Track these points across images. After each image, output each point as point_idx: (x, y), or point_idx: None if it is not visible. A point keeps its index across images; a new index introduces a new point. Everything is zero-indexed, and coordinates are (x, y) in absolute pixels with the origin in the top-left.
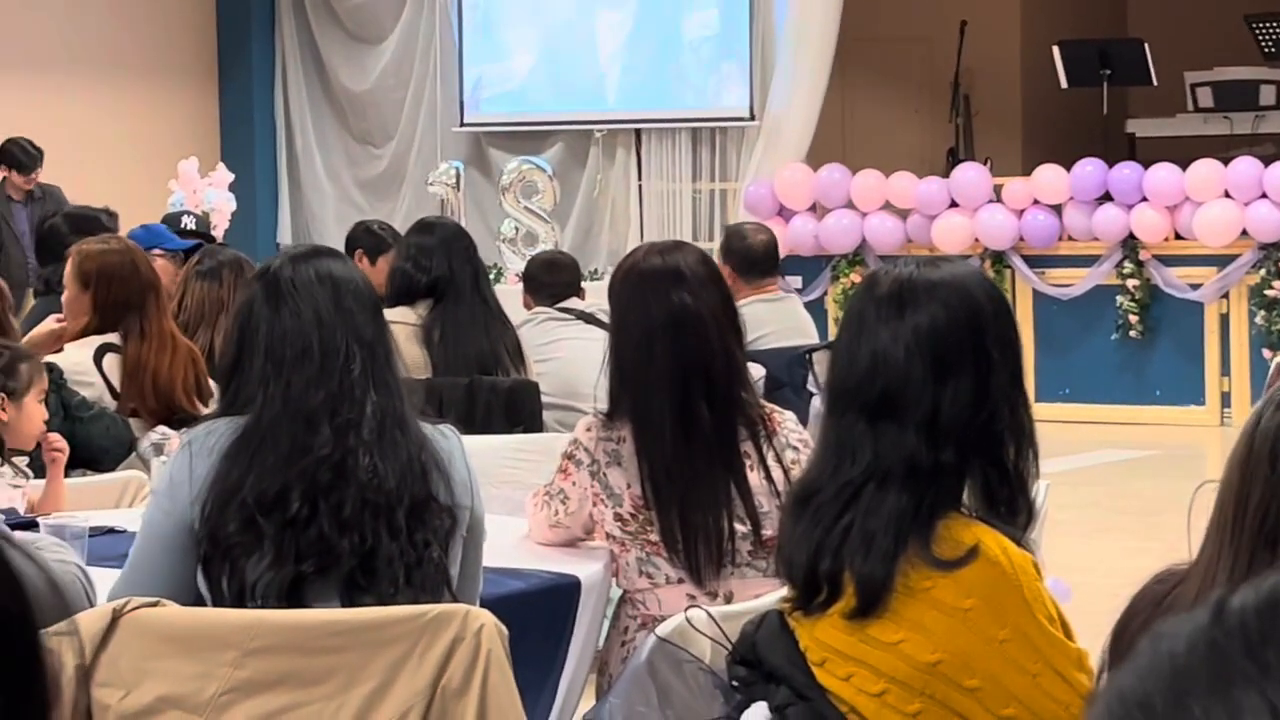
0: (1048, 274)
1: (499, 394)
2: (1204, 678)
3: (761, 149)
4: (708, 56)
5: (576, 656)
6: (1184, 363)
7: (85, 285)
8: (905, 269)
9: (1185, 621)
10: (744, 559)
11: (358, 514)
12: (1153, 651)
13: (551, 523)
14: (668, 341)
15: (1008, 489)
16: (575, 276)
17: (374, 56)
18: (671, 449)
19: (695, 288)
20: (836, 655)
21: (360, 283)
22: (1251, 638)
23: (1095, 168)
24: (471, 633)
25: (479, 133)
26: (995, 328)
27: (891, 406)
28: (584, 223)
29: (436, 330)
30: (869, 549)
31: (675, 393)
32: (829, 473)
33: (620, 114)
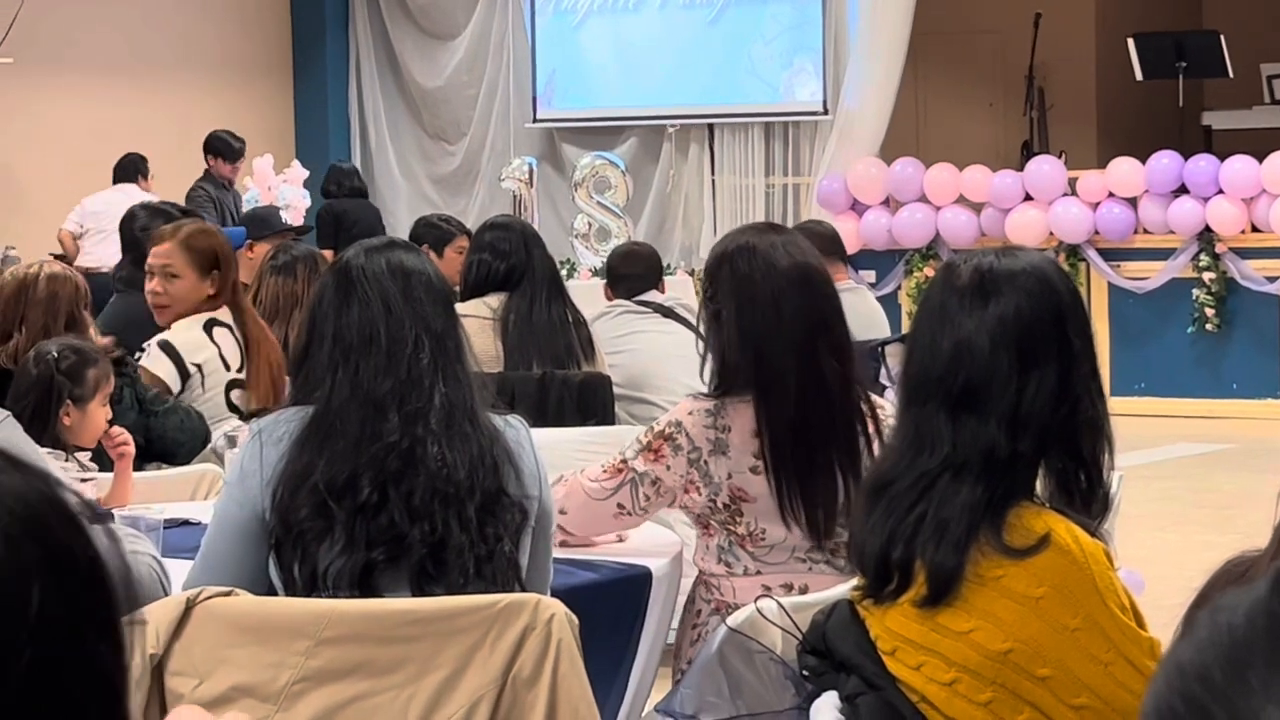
0: (1123, 267)
1: (571, 387)
2: (1262, 650)
3: (835, 143)
4: (781, 50)
5: (648, 647)
6: (1260, 356)
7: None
8: (984, 259)
9: (1244, 594)
10: (823, 555)
11: (427, 503)
12: (1211, 624)
13: (624, 507)
14: (796, 297)
15: (1084, 479)
16: (652, 269)
17: (447, 53)
18: (795, 409)
19: (809, 251)
20: (907, 644)
21: (432, 275)
22: None
23: (1171, 160)
24: (542, 622)
25: (552, 128)
26: (1075, 317)
27: (974, 398)
28: (657, 218)
29: (511, 322)
30: (941, 538)
31: (804, 350)
32: (906, 463)
33: (693, 109)
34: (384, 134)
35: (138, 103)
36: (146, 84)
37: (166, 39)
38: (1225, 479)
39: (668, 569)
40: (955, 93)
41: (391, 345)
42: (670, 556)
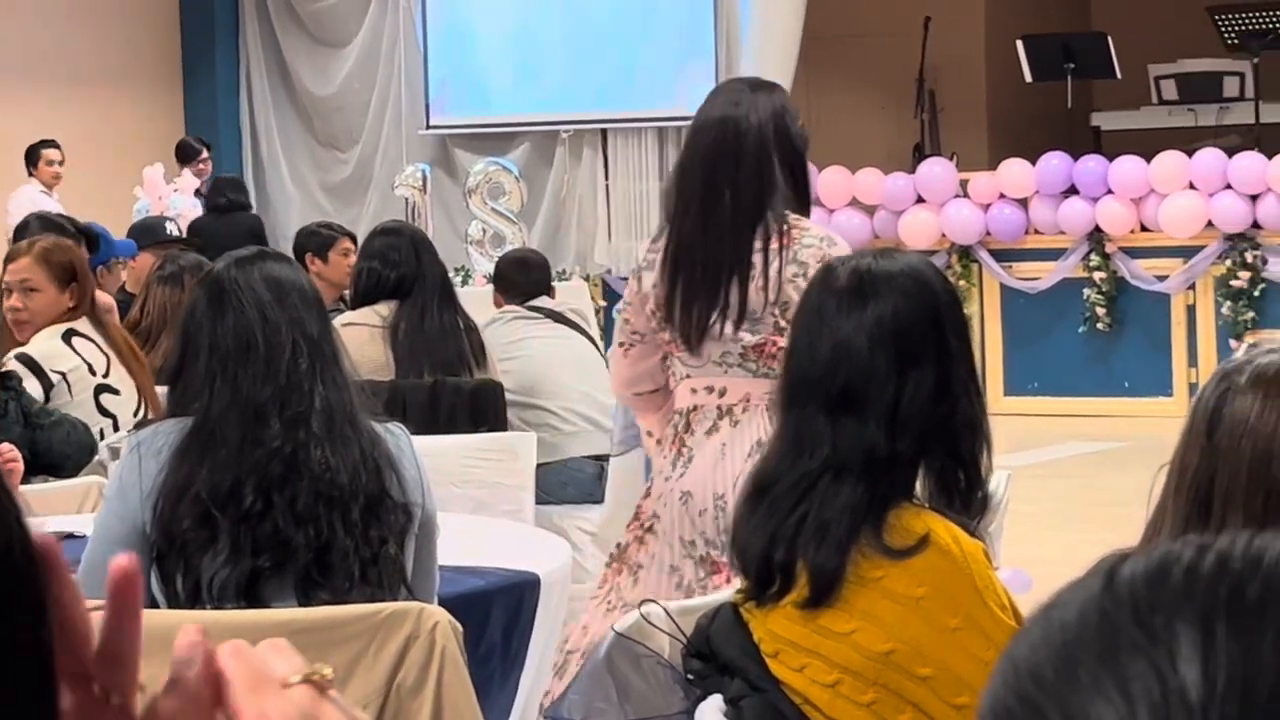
0: (1015, 268)
1: (463, 394)
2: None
3: None
4: (673, 55)
5: (538, 654)
6: (1151, 354)
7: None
8: (862, 261)
9: (1077, 591)
10: (735, 359)
11: (312, 507)
12: (1045, 621)
13: (621, 341)
14: (707, 141)
15: (963, 479)
16: (546, 275)
17: (338, 60)
18: (691, 226)
19: (751, 106)
20: (790, 646)
21: (305, 283)
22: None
23: (1060, 161)
24: (426, 631)
25: (445, 135)
26: (952, 317)
27: (853, 399)
28: (551, 223)
29: (401, 329)
30: (822, 539)
31: (705, 181)
32: (787, 464)
33: (586, 114)
34: (275, 142)
35: (26, 111)
36: (35, 92)
37: (55, 47)
38: (1117, 477)
39: (557, 576)
40: (847, 96)
41: (269, 351)
42: (560, 563)
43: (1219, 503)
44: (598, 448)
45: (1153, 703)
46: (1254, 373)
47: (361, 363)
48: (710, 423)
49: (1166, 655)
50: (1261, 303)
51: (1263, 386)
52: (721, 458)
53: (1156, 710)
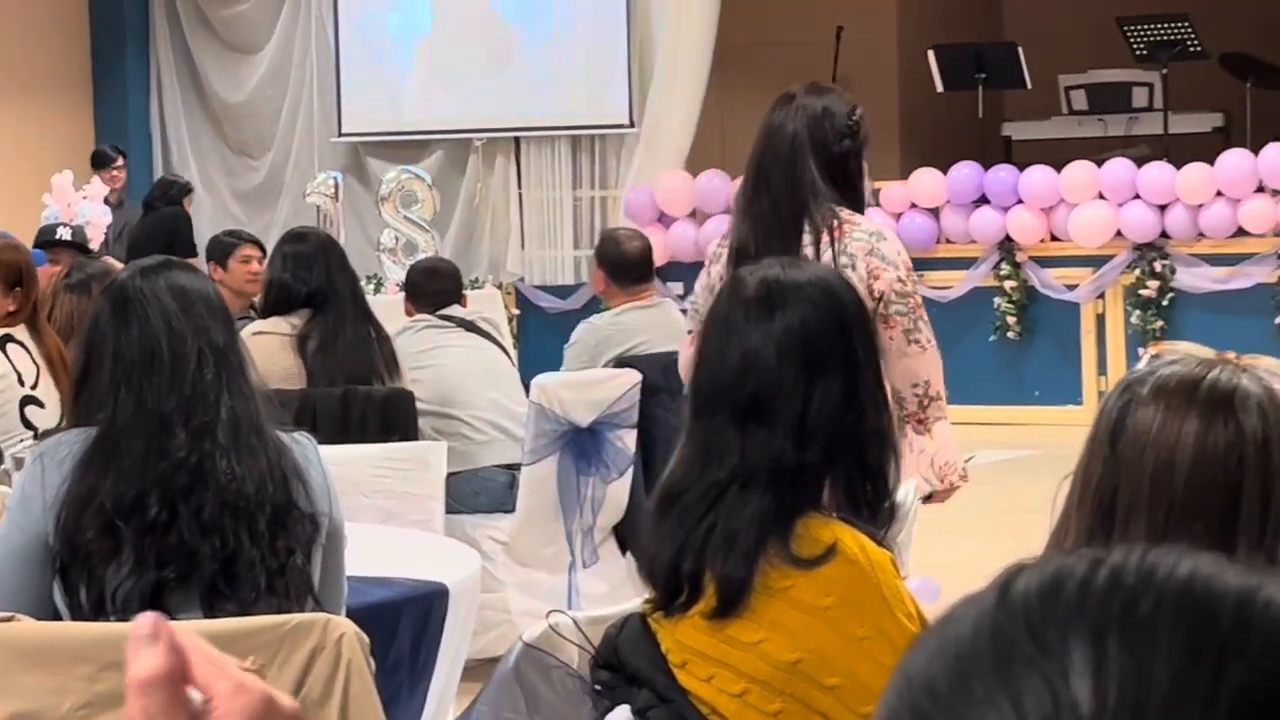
0: (926, 277)
1: (374, 403)
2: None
3: (641, 156)
4: (586, 64)
5: (447, 665)
6: (1061, 363)
7: (12, 281)
8: (770, 271)
9: (972, 603)
10: None
11: (217, 518)
12: (939, 633)
13: (689, 330)
14: (757, 149)
15: (870, 489)
16: (456, 284)
17: (250, 67)
18: (747, 227)
19: (794, 111)
20: (698, 656)
21: (211, 292)
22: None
23: (971, 171)
24: (331, 642)
25: (357, 143)
26: (860, 328)
27: (762, 409)
28: (464, 231)
29: (313, 340)
30: (730, 549)
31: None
32: (695, 474)
33: (500, 122)
34: (186, 149)
35: None
36: None
37: None
38: (1027, 485)
39: (467, 585)
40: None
41: (175, 362)
42: (469, 573)
43: (1122, 513)
44: (509, 457)
45: (1044, 717)
46: (1156, 384)
47: (272, 372)
48: None
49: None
50: (1170, 312)
51: (1165, 397)
52: None
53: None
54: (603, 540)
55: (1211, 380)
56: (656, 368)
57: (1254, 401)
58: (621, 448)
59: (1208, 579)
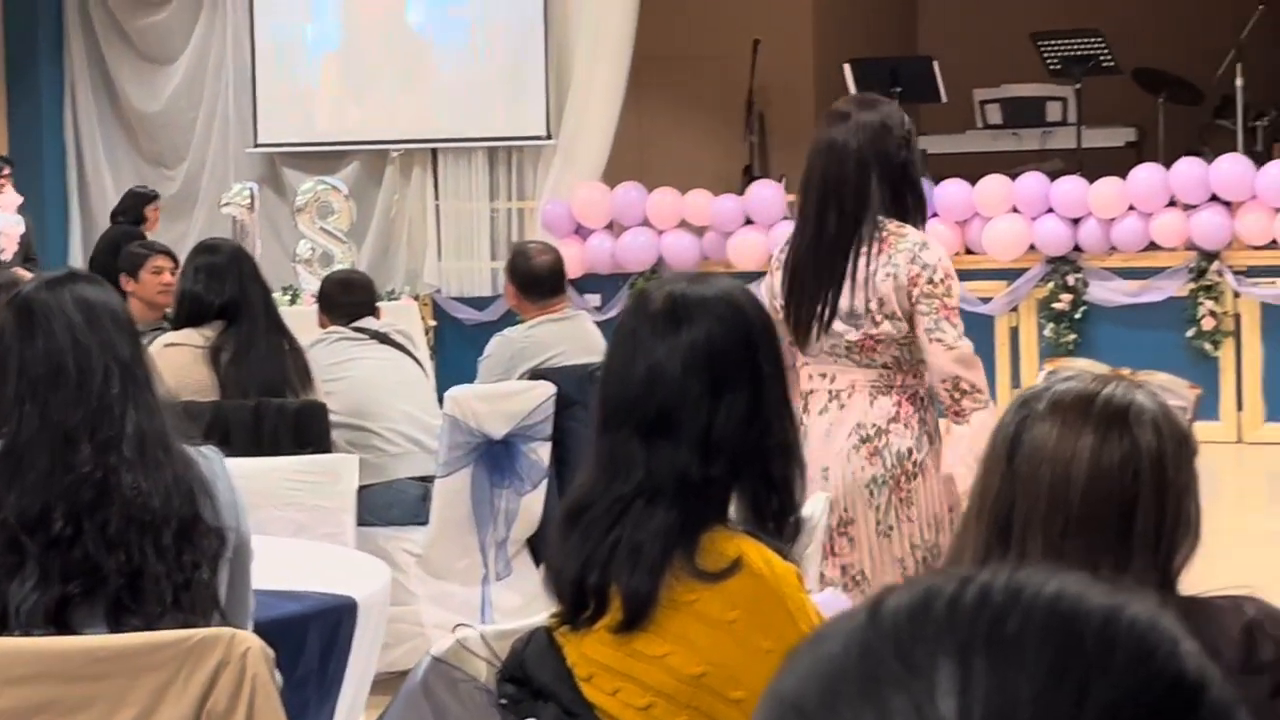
0: None
1: (286, 416)
2: (856, 679)
3: (558, 168)
4: (503, 76)
5: (356, 678)
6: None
7: None
8: (676, 285)
9: (843, 621)
10: (842, 351)
11: (123, 532)
12: (811, 652)
13: None
14: (820, 165)
15: (776, 502)
16: (370, 296)
17: (165, 77)
18: (806, 241)
19: (855, 127)
20: (603, 670)
21: (116, 305)
22: (902, 638)
23: None
24: (236, 657)
25: (273, 153)
26: (766, 343)
27: (667, 423)
28: (381, 243)
29: (226, 352)
30: (636, 563)
31: (819, 203)
32: (601, 488)
33: (416, 133)
34: (100, 159)
35: None
36: None
37: None
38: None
39: (376, 599)
40: (677, 117)
41: (81, 376)
42: (378, 586)
43: (1019, 528)
44: (423, 469)
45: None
46: (1052, 400)
47: (185, 384)
48: (822, 404)
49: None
50: (1083, 325)
51: (1061, 413)
52: (828, 436)
53: None
54: (516, 553)
55: (1106, 396)
56: (571, 380)
57: (1148, 417)
58: (535, 460)
59: (1074, 598)
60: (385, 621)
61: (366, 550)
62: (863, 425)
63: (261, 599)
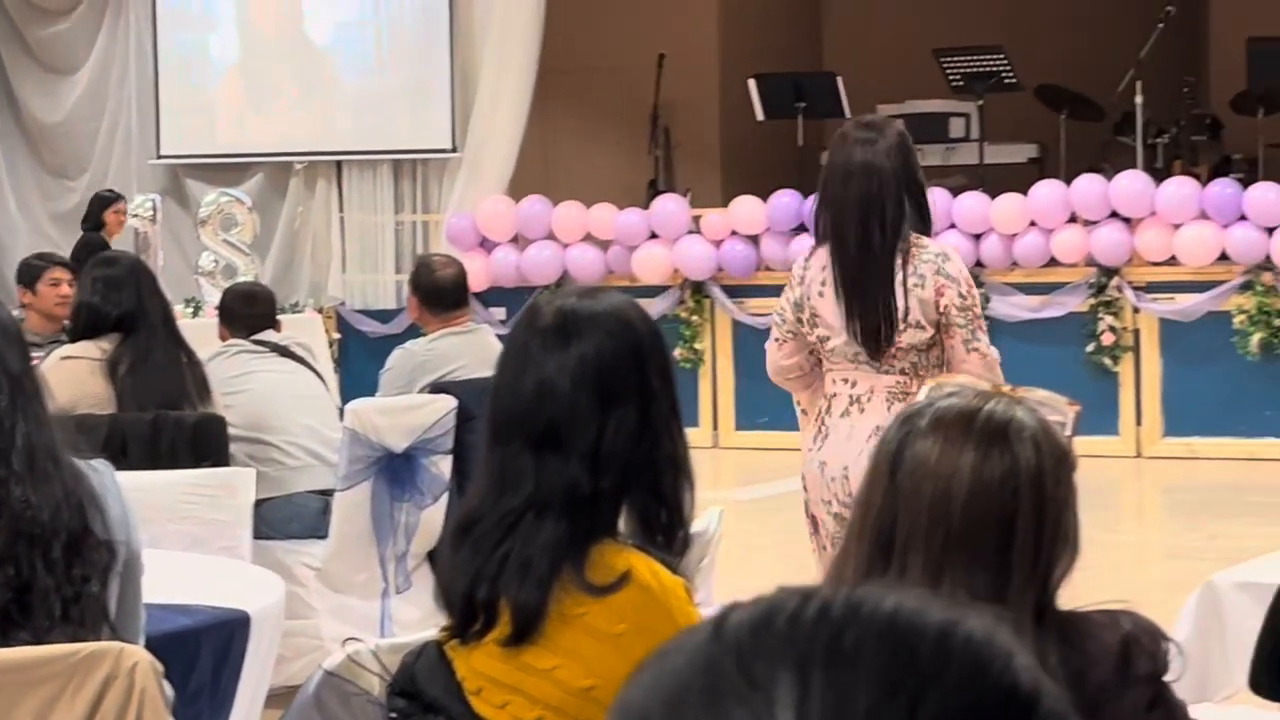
0: (747, 304)
1: (184, 429)
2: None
3: (463, 181)
4: (408, 88)
5: (249, 692)
6: None
7: None
8: (566, 300)
9: (689, 636)
10: (865, 358)
11: (11, 545)
12: (657, 666)
13: (776, 337)
14: (858, 186)
15: (665, 516)
16: (271, 309)
17: (67, 87)
18: (851, 256)
19: (885, 149)
20: (492, 684)
21: (5, 319)
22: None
23: (791, 199)
24: (125, 671)
25: (176, 165)
26: (655, 357)
27: (556, 437)
28: (285, 255)
29: (123, 364)
30: (525, 576)
31: (860, 221)
32: (491, 502)
33: (321, 146)
34: (0, 170)
35: None
36: None
37: None
38: None
39: (269, 612)
40: (583, 131)
41: None
42: (272, 600)
43: (900, 543)
44: (323, 483)
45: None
46: (934, 416)
47: (81, 397)
48: (844, 408)
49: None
50: None
51: (943, 429)
52: (848, 437)
53: None
54: (416, 566)
55: (988, 413)
56: (472, 393)
57: (1028, 434)
58: (436, 474)
59: (911, 613)
60: (280, 635)
61: (265, 564)
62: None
63: (153, 613)
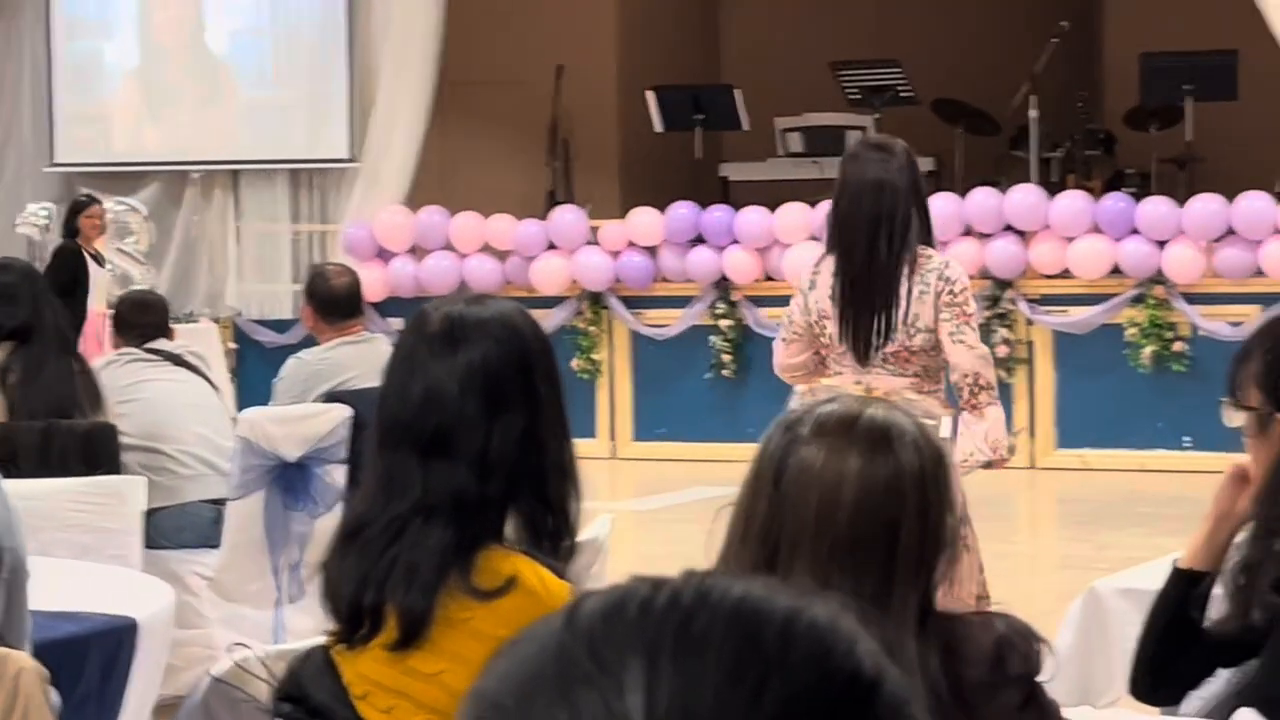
0: (644, 315)
1: (76, 437)
2: (551, 678)
3: (361, 191)
4: (306, 98)
5: (137, 700)
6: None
7: None
8: (454, 307)
9: (544, 625)
10: (878, 361)
11: None
12: (512, 654)
13: (784, 337)
14: (870, 201)
15: (552, 522)
16: (164, 317)
17: None
18: (859, 265)
19: (897, 167)
20: (378, 688)
21: None
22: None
23: (688, 210)
24: (9, 677)
25: (71, 173)
26: (542, 364)
27: (444, 443)
28: (181, 264)
29: (14, 372)
30: (411, 581)
31: (867, 235)
32: (378, 507)
33: (217, 155)
34: None
35: None
36: None
37: None
38: None
39: (158, 620)
40: (481, 142)
41: None
42: (160, 608)
43: (786, 550)
44: (216, 492)
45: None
46: (817, 423)
47: None
48: None
49: (615, 686)
50: None
51: (826, 436)
52: None
53: None
54: (310, 576)
55: (869, 418)
56: (367, 403)
57: (909, 438)
58: (330, 483)
59: (758, 600)
60: (169, 643)
61: (157, 573)
62: None
63: (40, 620)
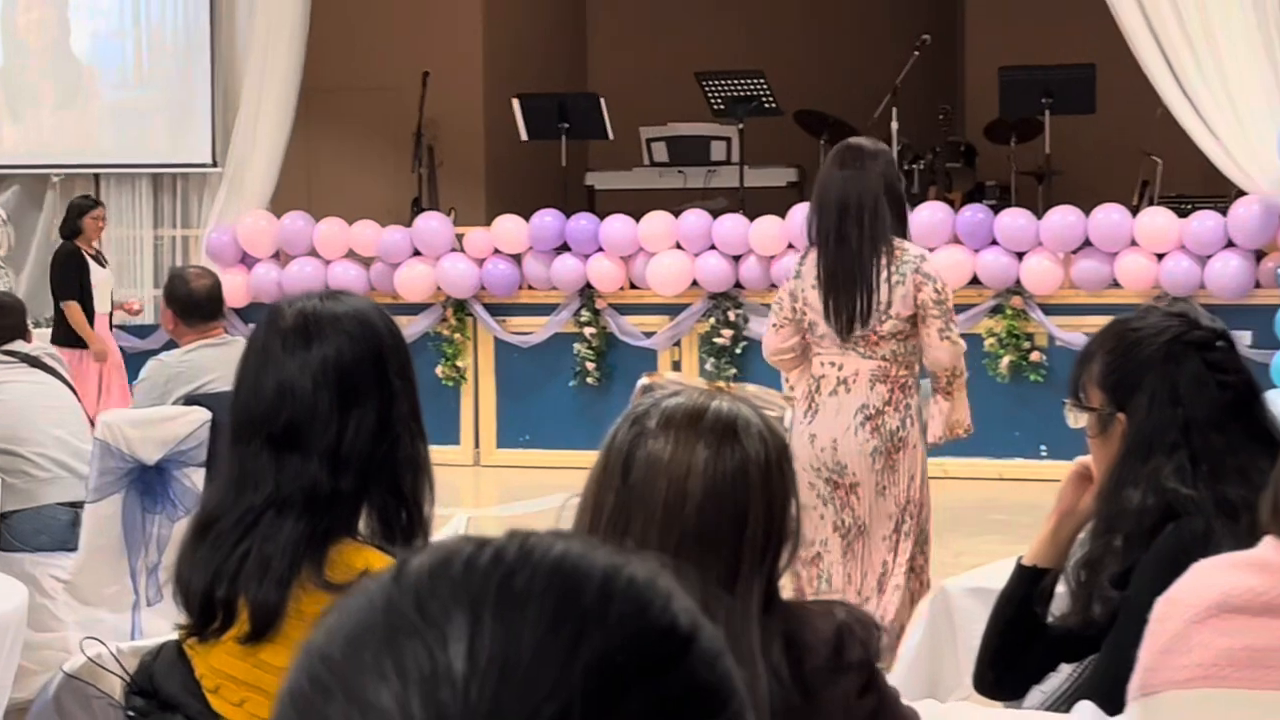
0: (509, 322)
1: None
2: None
3: (224, 196)
4: (169, 102)
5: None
6: None
7: None
8: (309, 302)
9: (372, 581)
10: (851, 344)
11: None
12: (341, 609)
13: (774, 323)
14: (838, 195)
15: (405, 516)
16: (21, 319)
17: None
18: (834, 255)
19: (866, 162)
20: (230, 681)
21: None
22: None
23: (554, 218)
24: None
25: None
26: (395, 358)
27: (297, 436)
28: (41, 268)
29: None
30: (264, 574)
31: (837, 219)
32: (231, 500)
33: (79, 158)
34: None
35: None
36: None
37: None
38: None
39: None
40: (346, 148)
41: None
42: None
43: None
44: (73, 495)
45: (423, 679)
46: (664, 415)
47: None
48: (832, 387)
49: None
50: (743, 359)
51: (673, 429)
52: (837, 413)
53: (425, 685)
54: (168, 579)
55: (715, 410)
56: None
57: (755, 429)
58: (189, 486)
59: (578, 556)
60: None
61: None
62: (866, 406)
63: None
